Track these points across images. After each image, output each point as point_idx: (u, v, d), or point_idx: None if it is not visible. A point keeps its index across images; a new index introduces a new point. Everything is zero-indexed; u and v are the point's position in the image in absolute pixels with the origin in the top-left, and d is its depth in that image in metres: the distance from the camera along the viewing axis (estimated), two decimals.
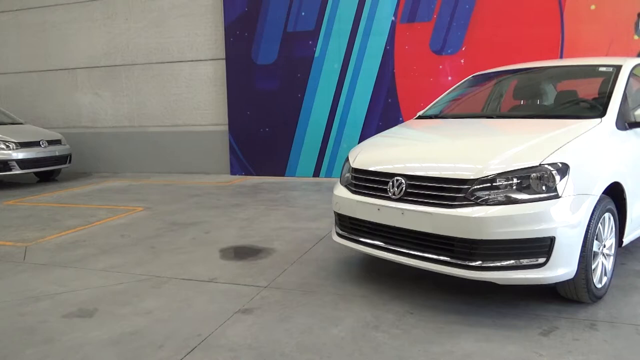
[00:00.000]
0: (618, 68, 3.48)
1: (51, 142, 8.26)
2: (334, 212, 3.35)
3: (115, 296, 3.11)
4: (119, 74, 9.34)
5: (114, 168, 9.54)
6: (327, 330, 2.56)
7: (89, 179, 8.76)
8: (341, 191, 3.26)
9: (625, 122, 3.12)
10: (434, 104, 4.24)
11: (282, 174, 8.25)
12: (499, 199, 2.54)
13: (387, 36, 7.50)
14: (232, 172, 8.59)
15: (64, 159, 8.41)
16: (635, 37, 6.53)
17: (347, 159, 3.41)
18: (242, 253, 3.96)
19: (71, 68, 9.65)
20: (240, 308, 2.85)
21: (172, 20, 8.80)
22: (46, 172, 8.39)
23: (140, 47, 9.09)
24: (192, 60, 8.82)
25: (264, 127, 8.28)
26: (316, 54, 7.86)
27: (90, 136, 9.63)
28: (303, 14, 7.85)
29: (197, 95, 8.88)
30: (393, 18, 7.45)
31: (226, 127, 8.60)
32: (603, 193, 2.70)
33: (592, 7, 6.63)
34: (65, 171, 9.01)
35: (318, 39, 7.82)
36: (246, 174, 8.48)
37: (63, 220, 5.28)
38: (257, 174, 8.38)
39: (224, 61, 8.48)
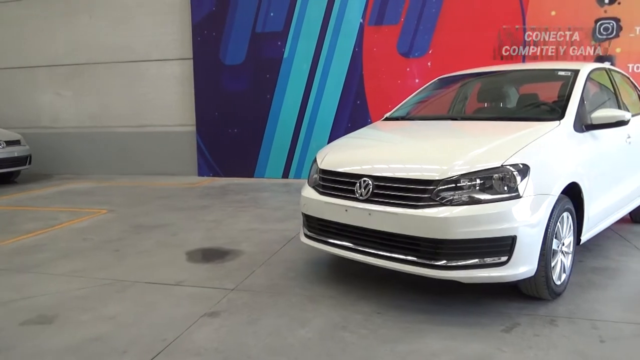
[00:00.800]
0: (576, 72, 3.60)
1: (9, 143, 7.95)
2: (302, 213, 3.35)
3: (76, 302, 3.01)
4: (82, 72, 9.08)
5: (77, 170, 9.26)
6: (294, 331, 2.55)
7: (50, 181, 8.48)
8: (309, 192, 3.26)
9: (582, 125, 3.23)
10: (401, 105, 4.30)
11: (251, 175, 8.19)
12: (463, 199, 2.59)
13: (355, 38, 7.55)
14: (200, 174, 8.47)
15: (23, 160, 8.11)
16: (593, 42, 6.79)
17: (314, 160, 3.41)
18: (209, 255, 3.91)
19: (31, 66, 9.31)
20: (206, 311, 2.82)
21: (138, 18, 8.62)
22: (4, 174, 8.07)
23: (105, 46, 8.86)
24: (159, 60, 8.66)
25: (232, 128, 8.20)
26: (285, 55, 7.84)
27: (51, 137, 9.32)
28: (272, 14, 7.82)
29: (164, 95, 8.72)
30: (361, 20, 7.51)
31: (194, 128, 8.48)
32: (561, 193, 2.79)
33: (553, 12, 6.86)
34: (25, 173, 8.69)
35: (287, 39, 7.80)
36: (214, 175, 8.38)
37: (22, 224, 5.09)
38: (226, 175, 8.30)
39: (192, 61, 8.36)
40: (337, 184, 3.05)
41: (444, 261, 2.59)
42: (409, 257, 2.69)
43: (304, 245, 3.43)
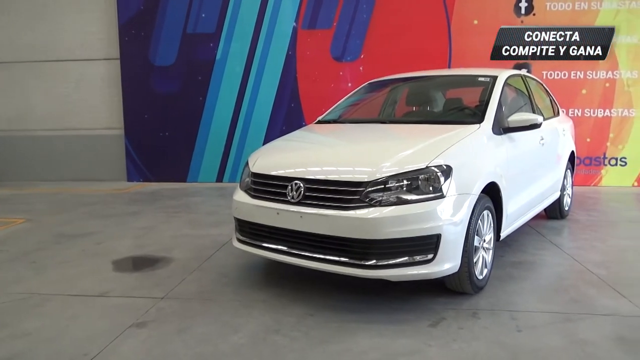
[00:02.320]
0: (494, 79, 3.83)
1: None
2: (234, 217, 3.31)
3: None
4: None
5: None
6: (226, 338, 2.51)
7: None
8: (241, 196, 3.23)
9: (500, 128, 3.43)
10: (333, 109, 4.36)
11: (184, 180, 7.97)
12: (391, 200, 2.67)
13: (289, 41, 7.57)
14: (129, 179, 8.13)
15: None
16: None
17: (246, 164, 3.38)
18: (138, 264, 3.77)
19: None
20: (134, 322, 2.70)
21: (61, 16, 8.14)
22: None
23: (24, 44, 8.28)
24: (84, 60, 8.23)
25: (163, 131, 7.94)
26: (218, 57, 7.72)
27: None
28: (203, 15, 7.67)
29: (89, 96, 8.29)
30: (294, 24, 7.54)
31: (122, 131, 8.12)
32: (481, 192, 2.95)
33: (475, 22, 7.24)
34: None
35: (219, 41, 7.68)
36: (144, 180, 8.07)
37: None
38: (157, 180, 8.02)
39: (119, 61, 8.01)
40: (269, 187, 3.04)
41: (374, 261, 2.65)
42: (340, 258, 2.73)
43: (237, 250, 3.39)
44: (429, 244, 2.65)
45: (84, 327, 2.67)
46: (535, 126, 3.52)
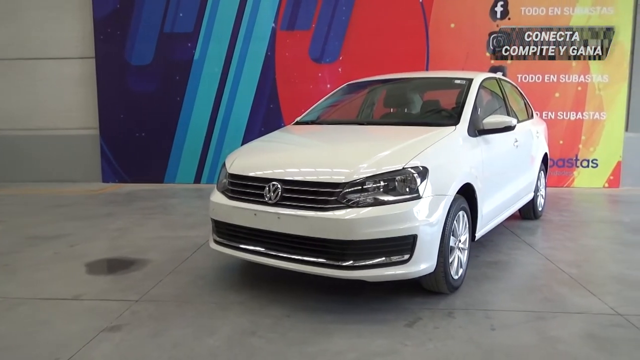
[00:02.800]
0: (470, 81, 3.88)
1: None
2: (211, 218, 3.29)
3: None
4: None
5: None
6: (202, 340, 2.49)
7: None
8: (218, 197, 3.21)
9: (475, 130, 3.48)
10: (311, 110, 4.36)
11: (161, 181, 7.87)
12: (368, 201, 2.68)
13: (267, 42, 7.55)
14: (105, 180, 7.99)
15: None
16: (487, 54, 7.37)
17: (224, 165, 3.36)
18: (112, 266, 3.70)
19: None
20: (107, 326, 2.65)
21: (33, 12, 7.95)
22: None
23: None
24: (57, 58, 8.05)
25: (139, 132, 7.83)
26: (196, 57, 7.64)
27: None
28: (181, 15, 7.59)
29: (63, 96, 8.12)
30: (273, 25, 7.53)
31: (97, 131, 7.98)
32: (457, 193, 2.99)
33: (452, 25, 7.34)
34: None
35: (197, 41, 7.61)
36: (120, 181, 7.94)
37: None
38: (133, 181, 7.89)
39: (94, 60, 7.87)
40: (246, 188, 3.03)
41: (351, 261, 2.66)
42: (318, 259, 2.73)
43: (214, 251, 3.37)
44: (405, 245, 2.67)
45: (56, 332, 2.60)
46: (509, 128, 3.58)
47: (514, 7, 7.23)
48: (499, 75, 4.88)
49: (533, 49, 7.25)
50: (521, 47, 7.27)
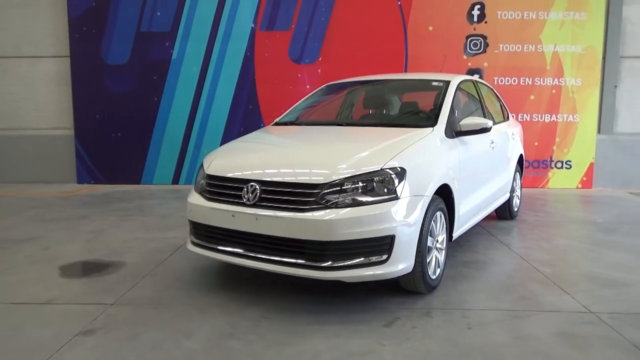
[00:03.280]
0: (447, 83, 3.93)
1: None
2: (188, 220, 3.25)
3: None
4: None
5: None
6: (179, 343, 2.46)
7: None
8: (195, 198, 3.18)
9: (452, 131, 3.52)
10: (290, 111, 4.36)
11: (138, 182, 7.74)
12: (347, 201, 2.69)
13: (247, 42, 7.51)
14: (80, 181, 7.83)
15: None
16: (464, 56, 7.47)
17: (201, 165, 3.33)
18: (87, 269, 3.63)
19: None
20: (81, 330, 2.60)
21: (6, 10, 7.74)
22: None
23: None
24: (31, 57, 7.86)
25: (115, 132, 7.70)
26: (174, 56, 7.56)
27: None
28: (158, 13, 7.49)
29: (36, 95, 7.93)
30: (253, 25, 7.49)
31: (72, 132, 7.81)
32: (435, 194, 3.02)
33: (430, 28, 7.42)
34: None
35: (175, 40, 7.53)
36: (96, 183, 7.79)
37: None
38: (109, 182, 7.74)
39: (69, 59, 7.71)
40: (224, 189, 3.01)
41: (330, 262, 2.67)
42: (297, 260, 2.73)
43: (192, 253, 3.33)
44: (383, 245, 2.69)
45: (28, 337, 2.54)
46: (485, 130, 3.64)
47: (490, 11, 7.34)
48: (475, 77, 4.95)
49: (509, 51, 7.38)
50: (497, 50, 7.39)
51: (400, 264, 2.74)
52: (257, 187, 2.84)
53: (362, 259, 2.68)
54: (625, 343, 2.47)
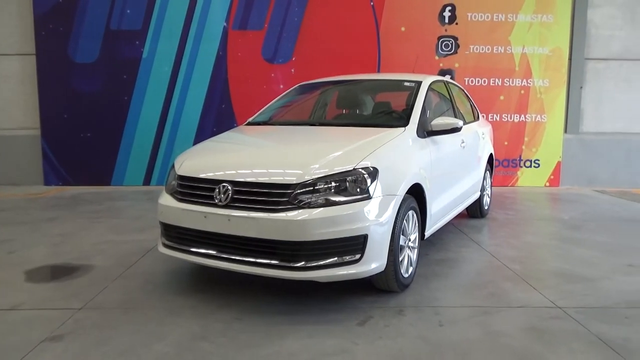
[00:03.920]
0: (419, 84, 3.98)
1: None
2: (159, 221, 3.20)
3: None
4: None
5: None
6: (150, 347, 2.41)
7: None
8: (166, 199, 3.13)
9: (424, 131, 3.57)
10: (263, 111, 4.34)
11: (108, 183, 7.58)
12: (320, 201, 2.69)
13: (219, 42, 7.44)
14: (47, 182, 7.61)
15: None
16: (436, 57, 7.57)
17: (172, 166, 3.28)
18: (54, 273, 3.53)
19: None
20: (47, 336, 2.53)
21: None
22: None
23: None
24: None
25: (84, 132, 7.51)
26: (144, 55, 7.42)
27: None
28: (128, 11, 7.35)
29: (1, 94, 7.67)
30: (225, 24, 7.43)
31: (38, 132, 7.59)
32: (407, 193, 3.05)
33: (402, 28, 7.50)
34: None
35: (146, 39, 7.39)
36: (64, 184, 7.58)
37: None
38: (77, 184, 7.55)
39: (34, 57, 7.48)
40: (196, 190, 2.97)
41: (303, 262, 2.66)
42: (270, 261, 2.72)
43: (163, 255, 3.28)
44: (356, 244, 2.70)
45: None
46: (456, 130, 3.69)
47: (461, 12, 7.47)
48: (447, 78, 5.03)
49: (479, 52, 7.52)
50: (468, 51, 7.52)
51: (373, 263, 2.75)
52: (230, 187, 2.81)
53: (335, 258, 2.69)
54: (590, 336, 2.55)
